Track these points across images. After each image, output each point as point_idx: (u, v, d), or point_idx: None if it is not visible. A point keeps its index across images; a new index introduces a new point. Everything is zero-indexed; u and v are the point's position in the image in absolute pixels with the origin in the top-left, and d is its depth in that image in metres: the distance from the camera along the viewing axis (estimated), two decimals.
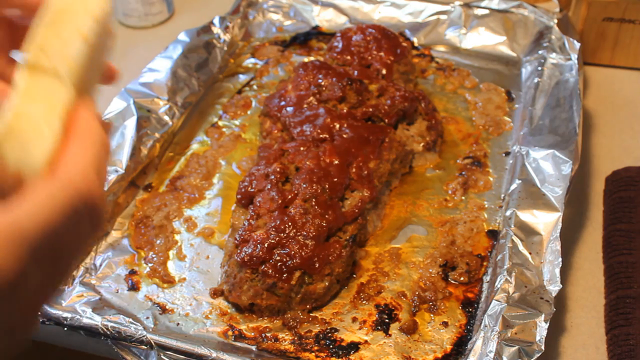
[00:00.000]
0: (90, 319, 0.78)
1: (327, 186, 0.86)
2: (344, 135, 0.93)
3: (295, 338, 0.80)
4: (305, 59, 1.21)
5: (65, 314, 0.78)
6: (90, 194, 0.45)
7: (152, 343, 0.75)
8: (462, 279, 0.85)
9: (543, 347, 0.71)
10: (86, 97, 0.48)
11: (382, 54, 1.09)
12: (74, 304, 0.81)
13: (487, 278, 0.85)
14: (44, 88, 0.46)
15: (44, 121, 0.45)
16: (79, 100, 0.47)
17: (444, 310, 0.82)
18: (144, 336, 0.76)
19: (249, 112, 1.13)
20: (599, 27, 1.17)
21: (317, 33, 1.28)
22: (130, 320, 0.79)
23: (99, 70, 0.52)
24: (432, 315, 0.82)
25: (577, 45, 1.09)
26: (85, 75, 0.48)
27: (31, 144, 0.44)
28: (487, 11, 1.23)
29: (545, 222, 0.84)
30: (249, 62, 1.24)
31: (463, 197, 0.96)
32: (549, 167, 0.90)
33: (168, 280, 0.86)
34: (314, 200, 0.84)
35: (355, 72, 1.04)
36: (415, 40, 1.25)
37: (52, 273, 0.45)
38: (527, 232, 0.83)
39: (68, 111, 0.46)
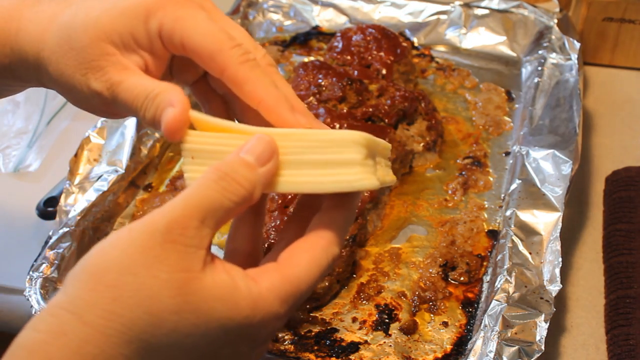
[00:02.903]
0: None
1: None
2: None
3: (295, 338, 0.80)
4: (305, 59, 1.21)
5: None
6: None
7: None
8: (462, 279, 0.85)
9: (543, 347, 0.71)
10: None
11: (382, 54, 1.09)
12: None
13: (487, 278, 0.85)
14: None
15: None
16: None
17: (444, 310, 0.82)
18: None
19: None
20: (599, 27, 1.17)
21: (317, 33, 1.28)
22: None
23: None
24: (432, 315, 0.82)
25: (577, 45, 1.09)
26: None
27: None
28: (487, 11, 1.22)
29: (545, 222, 0.84)
30: None
31: (463, 197, 0.96)
32: (549, 167, 0.90)
33: None
34: None
35: (355, 72, 1.04)
36: (415, 40, 1.25)
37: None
38: (527, 232, 0.83)
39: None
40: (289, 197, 0.85)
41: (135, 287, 0.44)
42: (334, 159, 0.48)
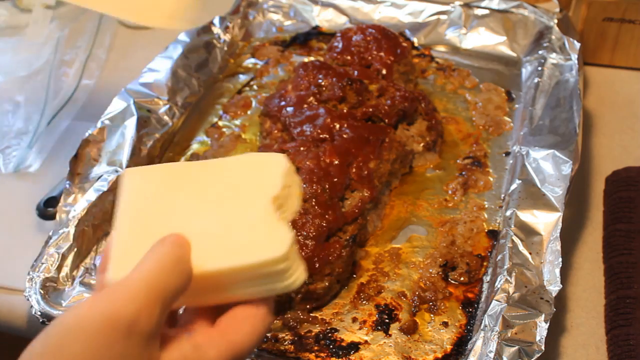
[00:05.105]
0: None
1: (327, 186, 0.86)
2: (344, 136, 0.93)
3: (295, 338, 0.80)
4: (305, 59, 1.21)
5: None
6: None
7: None
8: (462, 279, 0.85)
9: (543, 347, 0.71)
10: None
11: (382, 54, 1.09)
12: (74, 303, 0.81)
13: (487, 278, 0.85)
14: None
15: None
16: None
17: (444, 310, 0.82)
18: None
19: (249, 112, 1.13)
20: (599, 27, 1.17)
21: (317, 33, 1.28)
22: None
23: None
24: (432, 315, 0.82)
25: (577, 45, 1.09)
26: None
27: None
28: (487, 11, 1.23)
29: (545, 222, 0.84)
30: (249, 62, 1.24)
31: (463, 197, 0.96)
32: (549, 167, 0.90)
33: None
34: (314, 200, 0.84)
35: (356, 72, 1.04)
36: (415, 40, 1.25)
37: None
38: (527, 232, 0.83)
39: None
40: None
41: None
42: (265, 272, 0.55)
